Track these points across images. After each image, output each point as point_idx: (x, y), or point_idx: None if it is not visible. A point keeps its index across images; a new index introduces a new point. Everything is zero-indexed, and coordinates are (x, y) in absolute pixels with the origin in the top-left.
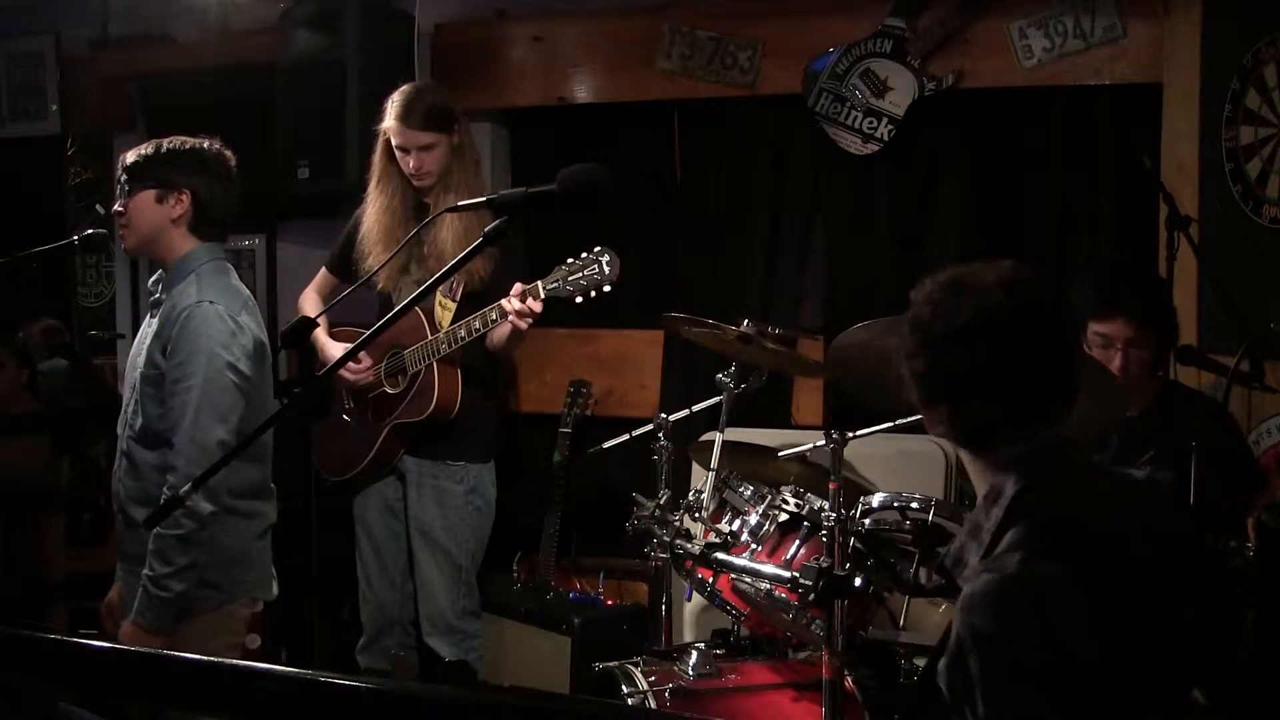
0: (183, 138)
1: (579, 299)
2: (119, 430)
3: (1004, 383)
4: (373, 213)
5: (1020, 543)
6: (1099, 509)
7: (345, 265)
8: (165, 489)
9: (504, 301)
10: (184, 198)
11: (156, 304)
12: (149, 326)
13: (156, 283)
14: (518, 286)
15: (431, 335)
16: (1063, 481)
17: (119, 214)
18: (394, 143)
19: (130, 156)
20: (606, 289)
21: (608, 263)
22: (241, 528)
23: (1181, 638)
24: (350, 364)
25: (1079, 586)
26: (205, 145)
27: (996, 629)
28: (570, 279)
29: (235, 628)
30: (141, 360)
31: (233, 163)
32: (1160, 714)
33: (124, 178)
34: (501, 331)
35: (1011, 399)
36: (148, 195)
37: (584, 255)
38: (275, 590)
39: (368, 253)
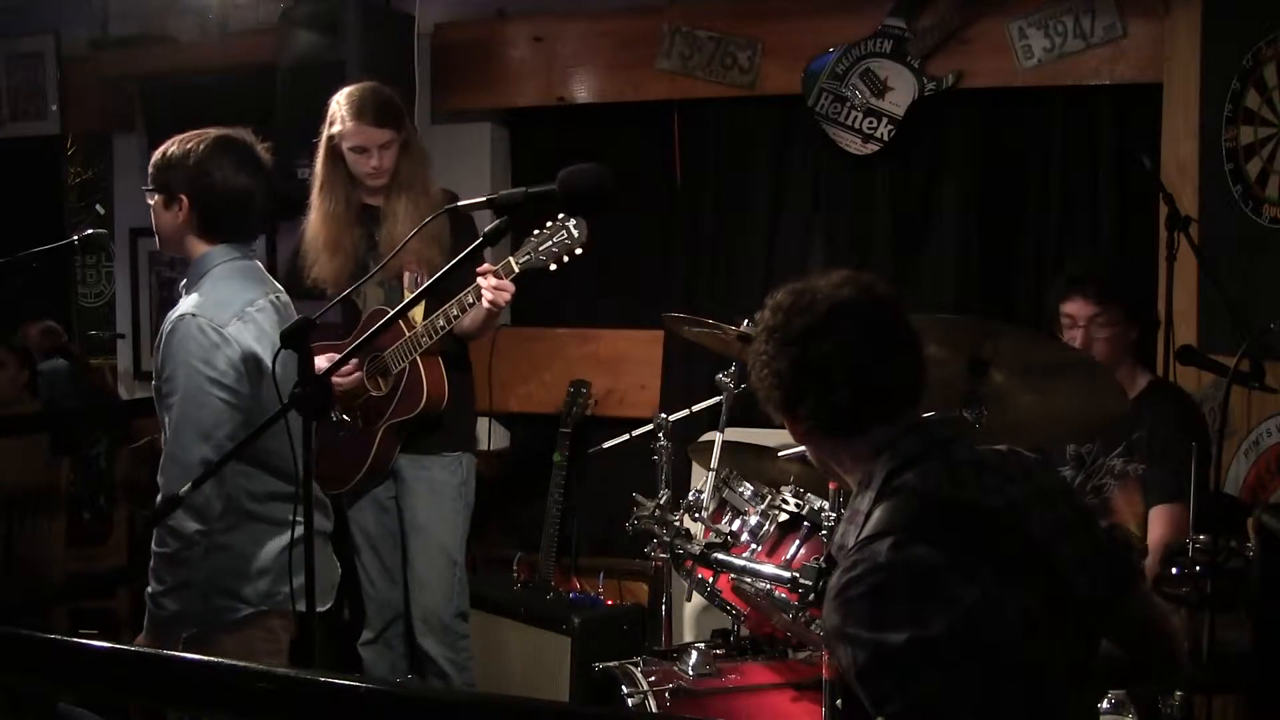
0: (185, 137)
1: (553, 266)
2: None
3: (867, 364)
4: (317, 218)
5: (889, 525)
6: (966, 481)
7: (295, 279)
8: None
9: (479, 281)
10: (183, 203)
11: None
12: None
13: (184, 284)
14: (486, 266)
15: (409, 332)
16: (928, 459)
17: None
18: (350, 144)
19: (157, 151)
20: (579, 252)
21: (575, 226)
22: (266, 535)
23: (1076, 594)
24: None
25: (949, 564)
26: (201, 146)
27: (869, 613)
28: (541, 249)
29: (269, 638)
30: None
31: (246, 155)
32: (1064, 677)
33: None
34: (476, 316)
35: (875, 380)
36: (158, 202)
37: (549, 224)
38: (332, 599)
39: (314, 259)
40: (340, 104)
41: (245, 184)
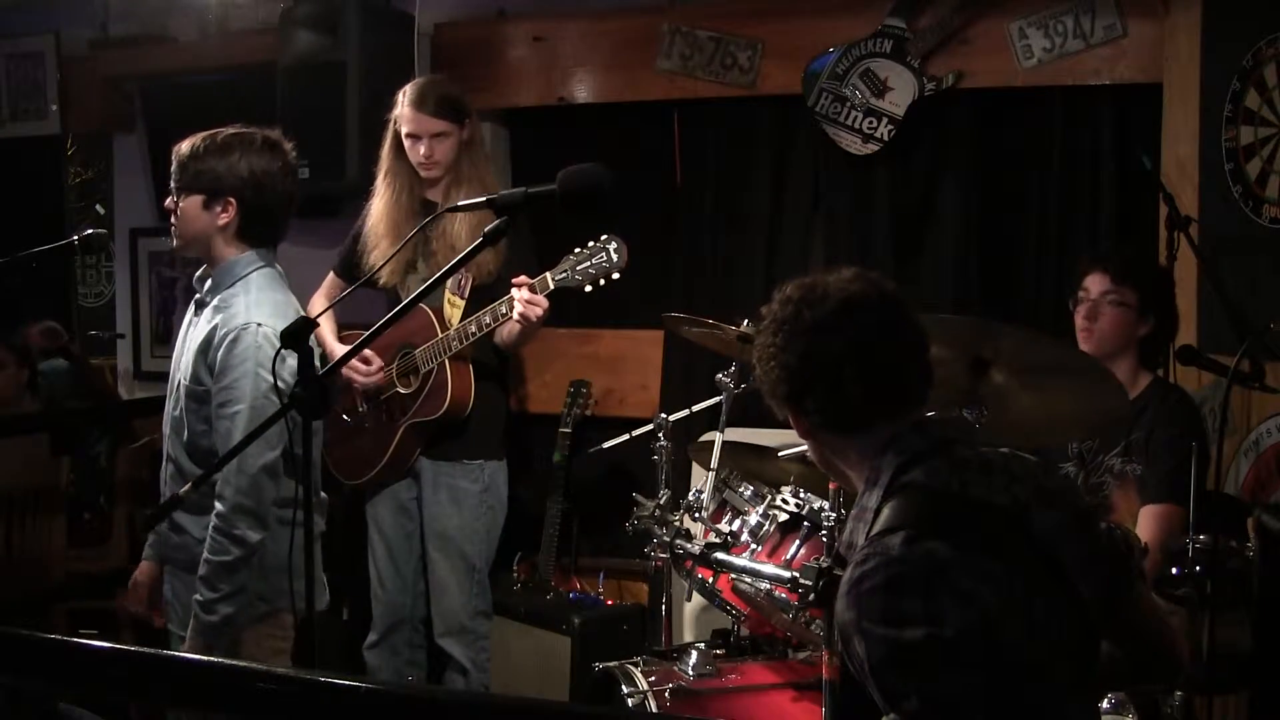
0: (233, 132)
1: (589, 288)
2: (164, 429)
3: (877, 360)
4: (379, 206)
5: (900, 520)
6: (973, 479)
7: (352, 268)
8: (214, 515)
9: (513, 293)
10: (231, 205)
11: (200, 304)
12: (193, 327)
13: (201, 280)
14: (523, 279)
15: (442, 333)
16: (934, 456)
17: (170, 210)
18: (405, 130)
19: (185, 148)
20: (615, 276)
21: (615, 250)
22: (284, 535)
23: (1079, 595)
24: (359, 367)
25: (961, 561)
26: (251, 148)
27: (883, 608)
28: (579, 268)
29: (281, 634)
30: (184, 369)
31: (287, 159)
32: (1067, 679)
33: (175, 173)
34: (512, 327)
35: (884, 376)
36: (195, 201)
37: (591, 244)
38: (326, 599)
39: (373, 246)
40: (405, 91)
41: (290, 188)
